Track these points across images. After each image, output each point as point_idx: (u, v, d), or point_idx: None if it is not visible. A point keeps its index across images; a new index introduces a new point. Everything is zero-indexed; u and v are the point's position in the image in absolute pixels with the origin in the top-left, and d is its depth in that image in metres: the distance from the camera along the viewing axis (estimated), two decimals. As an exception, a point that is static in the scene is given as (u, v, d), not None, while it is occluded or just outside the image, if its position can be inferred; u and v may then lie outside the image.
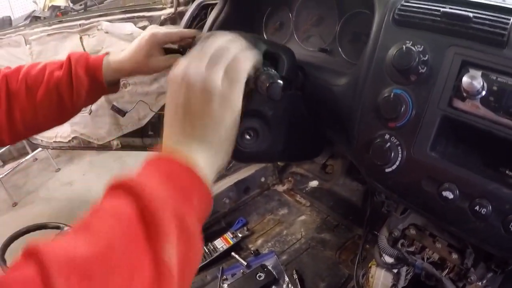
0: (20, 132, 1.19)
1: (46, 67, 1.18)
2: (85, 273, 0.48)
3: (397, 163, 0.85)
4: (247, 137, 1.06)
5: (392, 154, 0.84)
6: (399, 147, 0.84)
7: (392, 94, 0.83)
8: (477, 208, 0.77)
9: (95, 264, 0.49)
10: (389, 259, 1.32)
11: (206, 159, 0.72)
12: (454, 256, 1.19)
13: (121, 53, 1.24)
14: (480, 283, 1.14)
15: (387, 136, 0.86)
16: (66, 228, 2.55)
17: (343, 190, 2.24)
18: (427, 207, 0.86)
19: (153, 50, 1.22)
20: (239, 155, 1.09)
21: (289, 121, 1.09)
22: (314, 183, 2.37)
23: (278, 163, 2.45)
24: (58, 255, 0.49)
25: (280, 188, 2.44)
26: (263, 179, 2.41)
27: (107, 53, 1.24)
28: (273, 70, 0.85)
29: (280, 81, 0.78)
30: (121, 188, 0.61)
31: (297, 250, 1.97)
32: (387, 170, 0.86)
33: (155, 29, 1.24)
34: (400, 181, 0.87)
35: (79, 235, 0.54)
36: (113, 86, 1.27)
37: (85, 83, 1.17)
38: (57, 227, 2.58)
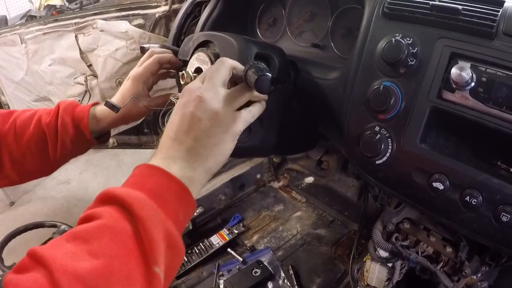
0: (12, 177, 1.16)
1: (37, 113, 1.15)
2: (89, 285, 0.53)
3: (387, 155, 0.85)
4: None
5: (382, 146, 0.84)
6: (389, 139, 0.84)
7: (382, 86, 0.83)
8: (467, 198, 0.77)
9: (98, 277, 0.54)
10: (383, 253, 1.33)
11: (198, 172, 0.76)
12: (449, 249, 1.19)
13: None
14: (475, 277, 1.14)
15: (377, 128, 0.86)
16: (62, 226, 2.54)
17: (339, 186, 2.24)
18: (418, 199, 0.85)
19: (138, 91, 1.20)
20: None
21: (281, 116, 1.08)
22: (309, 179, 2.37)
23: (274, 159, 2.46)
24: (65, 265, 0.53)
25: (276, 184, 2.44)
26: (258, 176, 2.41)
27: (94, 103, 1.21)
28: (262, 64, 0.85)
29: (269, 74, 0.78)
30: (116, 202, 0.65)
31: (293, 246, 1.97)
32: (378, 162, 0.86)
33: (135, 71, 1.22)
34: (390, 173, 0.87)
35: (80, 246, 0.58)
36: (101, 137, 1.24)
37: (70, 132, 1.14)
38: (54, 226, 2.57)
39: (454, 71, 0.74)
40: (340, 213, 2.14)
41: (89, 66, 2.29)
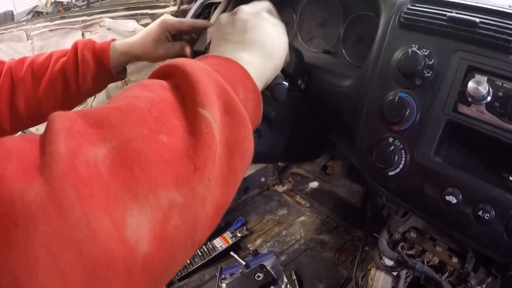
0: (23, 121, 1.16)
1: (53, 55, 1.15)
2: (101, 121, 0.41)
3: (401, 166, 0.85)
4: None
5: (396, 158, 0.84)
6: (402, 151, 0.84)
7: (397, 97, 0.83)
8: (480, 213, 0.77)
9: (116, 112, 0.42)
10: (389, 262, 1.33)
11: (255, 66, 0.66)
12: (454, 260, 1.19)
13: (130, 38, 1.23)
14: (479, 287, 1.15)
15: (390, 139, 0.86)
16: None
17: (343, 192, 2.24)
18: (430, 212, 0.86)
19: (162, 36, 1.19)
20: None
21: (292, 123, 1.09)
22: (314, 184, 2.37)
23: (279, 163, 2.46)
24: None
25: (280, 188, 2.45)
26: (263, 179, 2.42)
27: (113, 40, 1.22)
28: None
29: (286, 83, 0.78)
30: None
31: (296, 251, 1.98)
32: (390, 173, 0.86)
33: (167, 16, 1.22)
34: (403, 185, 0.87)
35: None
36: (120, 72, 1.24)
37: (91, 67, 1.14)
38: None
39: (471, 85, 0.74)
40: (344, 219, 2.14)
41: (95, 64, 2.30)
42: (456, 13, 0.83)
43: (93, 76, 1.14)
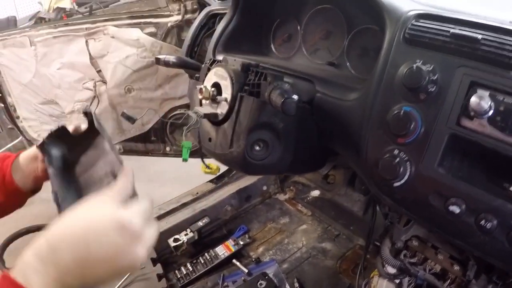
0: None
1: None
2: None
3: (405, 178, 0.89)
4: (257, 148, 1.10)
5: (401, 169, 0.88)
6: (407, 163, 0.88)
7: (402, 111, 0.87)
8: (482, 222, 0.80)
9: None
10: (391, 270, 1.36)
11: None
12: (456, 267, 1.23)
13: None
14: (480, 295, 1.18)
15: (396, 152, 0.90)
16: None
17: (345, 200, 2.28)
18: (434, 221, 0.90)
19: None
20: (248, 166, 1.13)
21: (298, 134, 1.13)
22: (315, 193, 2.41)
23: (280, 172, 2.50)
24: None
25: (282, 197, 2.49)
26: (265, 188, 2.46)
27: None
28: (286, 85, 0.89)
29: (295, 96, 0.82)
30: None
31: (298, 259, 2.02)
32: (395, 184, 0.90)
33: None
34: (408, 196, 0.91)
35: None
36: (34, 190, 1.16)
37: None
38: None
39: (473, 99, 0.78)
40: (345, 228, 2.18)
41: (99, 72, 2.33)
42: (459, 29, 0.86)
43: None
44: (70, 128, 1.03)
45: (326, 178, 2.39)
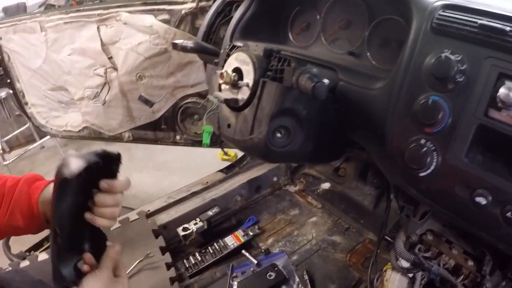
0: None
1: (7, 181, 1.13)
2: None
3: (432, 168, 0.89)
4: (278, 135, 1.10)
5: (428, 159, 0.89)
6: (434, 152, 0.89)
7: (430, 100, 0.88)
8: (509, 214, 0.81)
9: None
10: (405, 264, 1.37)
11: None
12: (470, 263, 1.24)
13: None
14: (493, 291, 1.19)
15: (422, 141, 0.90)
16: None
17: (355, 194, 2.29)
18: (459, 212, 0.90)
19: None
20: (269, 153, 1.14)
21: (320, 122, 1.13)
22: (326, 185, 2.42)
23: (292, 163, 2.50)
24: None
25: (292, 188, 2.50)
26: (275, 179, 2.47)
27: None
28: (314, 69, 0.90)
29: (326, 80, 0.82)
30: None
31: (308, 251, 2.03)
32: (421, 174, 0.91)
33: None
34: (433, 186, 0.92)
35: None
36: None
37: (23, 204, 1.09)
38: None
39: (502, 91, 0.79)
40: (355, 221, 2.19)
41: (110, 58, 2.34)
42: (487, 21, 0.87)
43: (23, 215, 1.10)
44: None
45: (337, 171, 2.39)
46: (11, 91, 2.77)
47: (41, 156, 4.59)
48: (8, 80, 2.67)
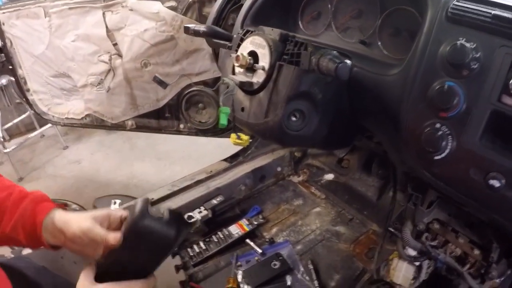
0: None
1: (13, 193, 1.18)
2: None
3: (447, 151, 0.94)
4: (293, 118, 1.14)
5: (443, 143, 0.93)
6: (449, 136, 0.93)
7: (446, 85, 0.92)
8: (523, 197, 0.86)
9: None
10: (412, 252, 1.41)
11: None
12: (476, 252, 1.28)
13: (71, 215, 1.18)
14: (498, 280, 1.24)
15: (437, 125, 0.95)
16: (73, 206, 2.63)
17: (359, 185, 2.33)
18: (473, 195, 0.95)
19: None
20: (284, 136, 1.18)
21: (334, 107, 1.17)
22: (329, 176, 2.46)
23: (295, 153, 2.54)
24: None
25: (296, 179, 2.54)
26: (279, 169, 2.51)
27: (61, 206, 1.21)
28: (334, 51, 0.94)
29: (348, 61, 0.86)
30: None
31: (312, 241, 2.07)
32: (436, 157, 0.95)
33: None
34: (447, 169, 0.97)
35: None
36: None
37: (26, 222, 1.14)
38: (65, 205, 2.66)
39: (514, 79, 0.84)
40: (359, 212, 2.23)
41: (115, 45, 2.37)
42: (500, 11, 0.91)
43: (25, 233, 1.14)
44: None
45: (340, 162, 2.43)
46: (12, 79, 2.80)
47: (42, 145, 4.64)
48: (10, 67, 2.69)
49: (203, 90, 2.32)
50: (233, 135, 1.31)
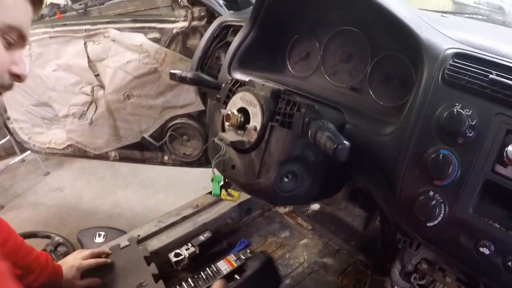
0: None
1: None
2: None
3: (439, 219, 0.96)
4: (286, 180, 1.15)
5: (436, 211, 0.95)
6: (442, 204, 0.95)
7: (441, 155, 0.94)
8: (509, 263, 0.88)
9: None
10: (401, 292, 1.43)
11: None
12: (463, 291, 1.31)
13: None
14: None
15: (431, 193, 0.97)
16: (56, 238, 2.59)
17: (345, 215, 2.36)
18: (464, 260, 0.97)
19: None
20: (276, 198, 1.18)
21: (328, 168, 1.18)
22: (315, 206, 2.48)
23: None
24: None
25: (282, 209, 2.55)
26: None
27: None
28: (331, 124, 0.95)
29: (347, 142, 0.88)
30: None
31: (300, 274, 2.08)
32: (429, 224, 0.97)
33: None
34: (439, 235, 0.99)
35: None
36: None
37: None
38: (48, 237, 2.62)
39: (510, 148, 0.86)
40: (345, 243, 2.25)
41: (96, 75, 2.35)
42: (497, 74, 0.93)
43: None
44: None
45: (326, 192, 2.45)
46: (-9, 107, 2.76)
47: (22, 170, 4.57)
48: (-11, 94, 2.65)
49: (187, 123, 2.32)
50: (223, 192, 1.31)
